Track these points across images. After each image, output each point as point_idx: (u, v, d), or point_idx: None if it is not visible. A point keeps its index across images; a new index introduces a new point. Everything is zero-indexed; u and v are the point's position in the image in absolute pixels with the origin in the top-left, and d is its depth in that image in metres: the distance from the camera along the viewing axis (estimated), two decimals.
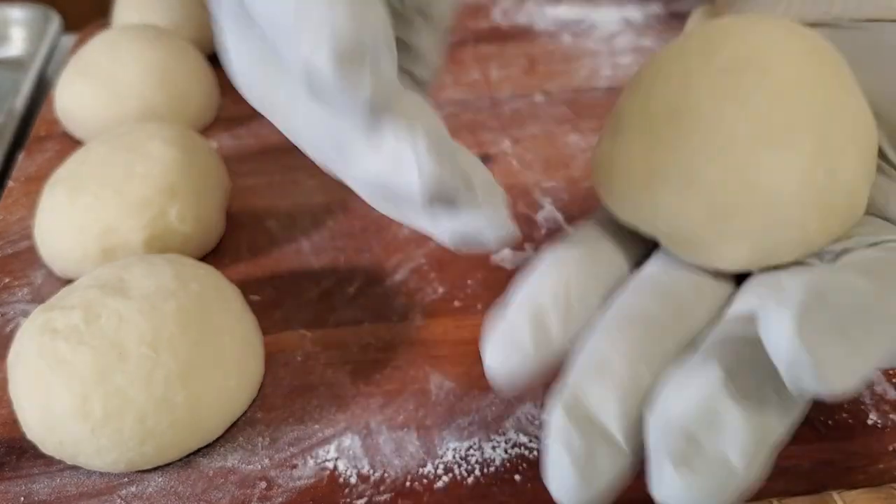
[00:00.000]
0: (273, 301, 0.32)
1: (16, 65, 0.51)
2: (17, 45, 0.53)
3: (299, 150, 0.41)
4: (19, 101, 0.45)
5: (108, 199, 0.31)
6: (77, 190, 0.32)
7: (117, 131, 0.35)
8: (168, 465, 0.26)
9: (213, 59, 0.48)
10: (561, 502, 0.18)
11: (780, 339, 0.16)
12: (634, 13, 0.52)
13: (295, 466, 0.25)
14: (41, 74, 0.49)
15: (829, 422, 0.26)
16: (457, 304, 0.31)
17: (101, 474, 0.26)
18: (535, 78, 0.46)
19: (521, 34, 0.51)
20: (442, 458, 0.25)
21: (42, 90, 0.49)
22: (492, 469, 0.25)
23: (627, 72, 0.46)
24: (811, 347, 0.16)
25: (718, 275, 0.23)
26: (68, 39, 0.53)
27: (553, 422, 0.19)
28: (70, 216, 0.31)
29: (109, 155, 0.33)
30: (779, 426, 0.19)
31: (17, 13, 0.54)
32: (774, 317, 0.16)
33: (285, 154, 0.40)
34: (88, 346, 0.25)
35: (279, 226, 0.36)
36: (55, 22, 0.53)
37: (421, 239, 0.34)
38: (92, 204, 0.31)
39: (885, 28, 0.25)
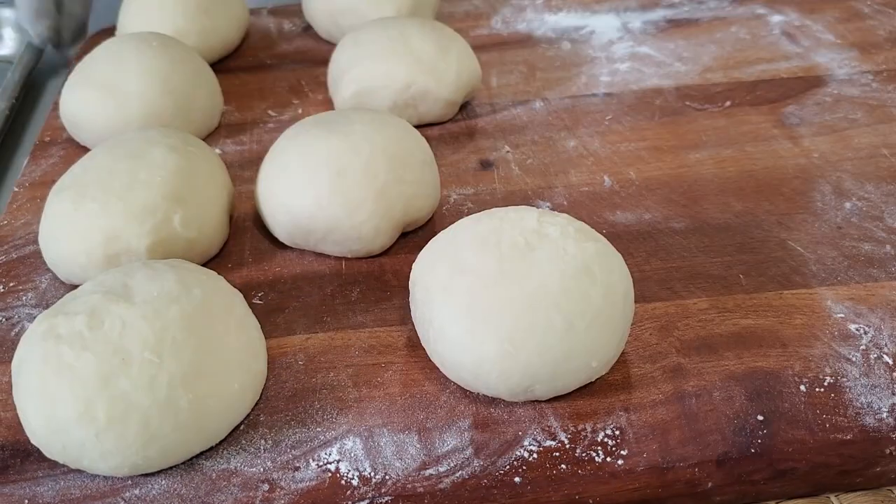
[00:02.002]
0: (276, 305, 0.32)
1: (6, 64, 0.51)
2: (7, 44, 0.53)
3: None
4: (4, 102, 0.45)
5: (112, 206, 0.32)
6: (81, 196, 0.32)
7: (121, 138, 0.35)
8: (171, 467, 0.26)
9: (217, 66, 0.48)
10: None
11: None
12: (633, 20, 0.53)
13: (297, 469, 0.26)
14: (30, 74, 0.49)
15: (827, 425, 0.26)
16: None
17: (105, 477, 0.26)
18: (534, 85, 0.47)
19: (520, 41, 0.51)
20: (443, 460, 0.26)
21: (31, 90, 0.49)
22: (492, 471, 0.25)
23: (626, 78, 0.47)
24: None
25: None
26: None
27: None
28: (74, 223, 0.32)
29: (113, 162, 0.33)
30: None
31: (8, 13, 0.54)
32: None
33: None
34: (92, 352, 0.25)
35: None
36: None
37: (420, 243, 0.34)
38: (96, 210, 0.32)
39: None
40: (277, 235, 0.35)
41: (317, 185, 0.33)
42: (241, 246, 0.36)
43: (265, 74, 0.49)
